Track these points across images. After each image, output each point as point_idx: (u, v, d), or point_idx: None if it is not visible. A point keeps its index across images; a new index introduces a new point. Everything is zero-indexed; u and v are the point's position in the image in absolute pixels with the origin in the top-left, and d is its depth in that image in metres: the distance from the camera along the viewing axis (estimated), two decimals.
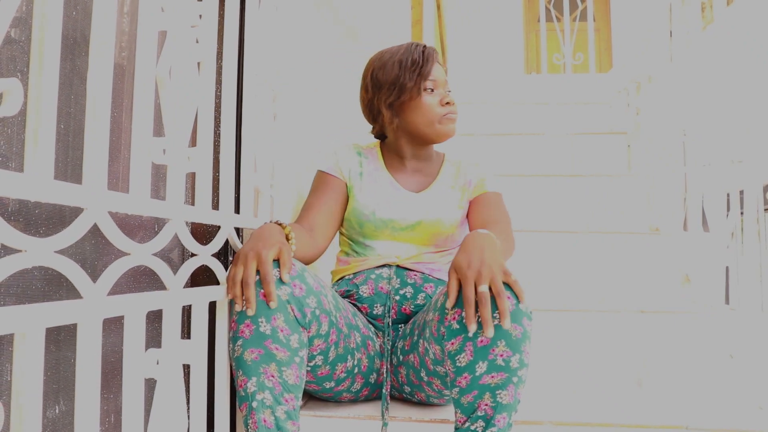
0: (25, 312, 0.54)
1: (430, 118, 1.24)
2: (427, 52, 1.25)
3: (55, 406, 0.74)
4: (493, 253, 0.93)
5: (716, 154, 1.61)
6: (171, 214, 0.79)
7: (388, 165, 1.32)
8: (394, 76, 1.22)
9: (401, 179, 1.30)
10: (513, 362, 0.90)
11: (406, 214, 1.24)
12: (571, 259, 1.78)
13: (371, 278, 1.23)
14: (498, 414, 0.90)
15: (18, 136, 0.68)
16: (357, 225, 1.26)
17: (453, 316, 0.94)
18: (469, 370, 0.92)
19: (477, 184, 1.30)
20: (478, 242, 0.95)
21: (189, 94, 0.84)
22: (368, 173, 1.29)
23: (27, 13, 0.69)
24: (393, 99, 1.23)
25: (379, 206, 1.24)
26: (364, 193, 1.26)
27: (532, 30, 6.55)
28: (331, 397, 1.16)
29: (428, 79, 1.23)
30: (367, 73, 1.28)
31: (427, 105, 1.23)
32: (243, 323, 0.92)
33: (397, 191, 1.27)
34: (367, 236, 1.26)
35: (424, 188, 1.30)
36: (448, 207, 1.26)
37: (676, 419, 1.13)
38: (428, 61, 1.23)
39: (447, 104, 1.25)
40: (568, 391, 1.36)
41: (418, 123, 1.25)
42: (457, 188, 1.30)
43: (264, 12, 1.14)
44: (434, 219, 1.24)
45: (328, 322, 1.02)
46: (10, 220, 0.66)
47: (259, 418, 0.90)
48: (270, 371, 0.92)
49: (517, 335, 0.90)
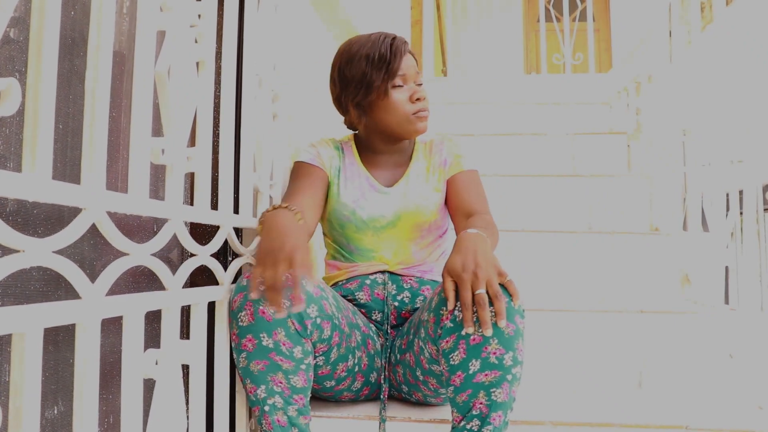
0: (24, 312, 0.54)
1: (399, 116, 1.18)
2: (396, 45, 1.17)
3: (53, 406, 0.74)
4: (487, 255, 0.93)
5: (716, 154, 1.61)
6: (170, 214, 0.79)
7: (363, 158, 1.27)
8: (360, 74, 1.16)
9: (377, 173, 1.26)
10: (506, 360, 0.90)
11: (385, 210, 1.21)
12: (571, 259, 1.78)
13: (366, 284, 1.22)
14: (493, 412, 0.91)
15: (16, 135, 0.68)
16: (338, 227, 1.23)
17: (447, 316, 0.94)
18: (462, 368, 0.92)
19: (453, 163, 1.26)
20: (471, 243, 0.94)
21: (188, 94, 0.83)
22: (345, 169, 1.25)
23: (25, 13, 0.69)
24: (360, 98, 1.18)
25: (358, 206, 1.21)
26: (342, 192, 1.22)
27: (531, 30, 6.55)
28: (331, 396, 1.16)
29: (397, 75, 1.16)
30: (335, 67, 1.21)
31: (397, 103, 1.17)
32: (245, 337, 0.92)
33: (373, 188, 1.23)
34: (350, 238, 1.23)
35: (399, 178, 1.26)
36: (426, 193, 1.23)
37: (676, 419, 1.13)
38: (396, 55, 1.16)
39: (417, 100, 1.18)
40: (568, 391, 1.36)
41: (387, 122, 1.19)
42: (432, 169, 1.26)
43: (263, 12, 1.14)
44: (414, 209, 1.21)
45: (331, 326, 1.02)
46: (8, 220, 0.66)
47: (273, 419, 0.94)
48: (278, 379, 0.94)
49: (510, 333, 0.90)
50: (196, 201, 0.89)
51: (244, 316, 0.92)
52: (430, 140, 1.30)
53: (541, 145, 2.46)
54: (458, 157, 1.26)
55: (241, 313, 0.92)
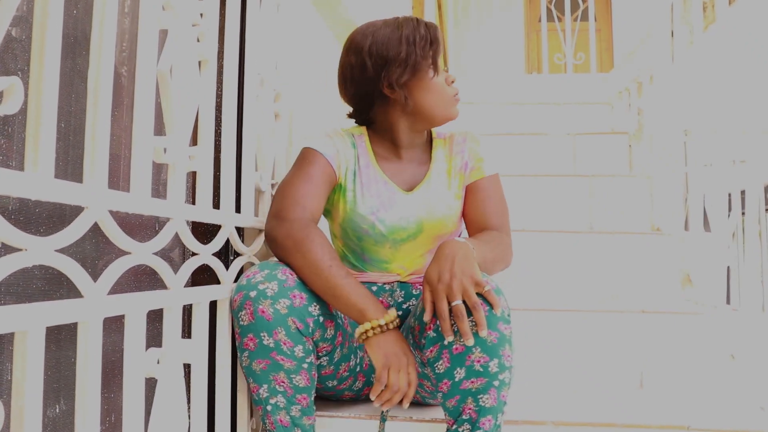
0: (26, 311, 0.54)
1: (443, 97, 1.14)
2: (432, 28, 1.14)
3: (55, 405, 0.74)
4: (465, 264, 0.90)
5: (718, 154, 1.60)
6: (172, 213, 0.79)
7: (378, 156, 1.18)
8: (405, 53, 1.09)
9: (394, 175, 1.17)
10: (491, 367, 0.90)
11: (407, 221, 1.13)
12: (573, 259, 1.77)
13: (372, 290, 1.17)
14: (482, 417, 0.91)
15: (19, 134, 0.68)
16: (355, 238, 1.15)
17: (429, 326, 0.94)
18: (448, 377, 0.92)
19: (474, 167, 1.18)
20: (450, 252, 0.92)
21: (190, 93, 0.83)
22: (361, 172, 1.15)
23: (28, 12, 0.69)
24: (407, 77, 1.10)
25: (377, 218, 1.12)
26: (360, 202, 1.13)
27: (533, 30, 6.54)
28: (333, 395, 1.16)
29: (438, 56, 1.13)
30: (363, 50, 1.10)
31: (440, 84, 1.13)
32: (246, 337, 0.93)
33: (393, 194, 1.14)
34: (366, 249, 1.16)
35: (420, 181, 1.17)
36: (449, 201, 1.15)
37: (677, 419, 1.12)
38: (436, 37, 1.13)
39: (452, 83, 1.16)
40: (570, 392, 1.36)
41: (431, 104, 1.13)
42: (454, 173, 1.18)
43: (265, 11, 1.14)
44: (437, 221, 1.13)
45: (334, 326, 1.01)
46: (10, 218, 0.66)
47: (276, 419, 0.94)
48: (280, 378, 0.94)
49: (493, 341, 0.90)
50: (198, 200, 0.89)
51: (244, 315, 0.92)
52: (450, 135, 1.22)
53: (542, 145, 2.46)
54: (480, 161, 1.18)
55: (241, 312, 0.92)
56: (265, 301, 0.91)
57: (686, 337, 1.43)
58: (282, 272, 0.95)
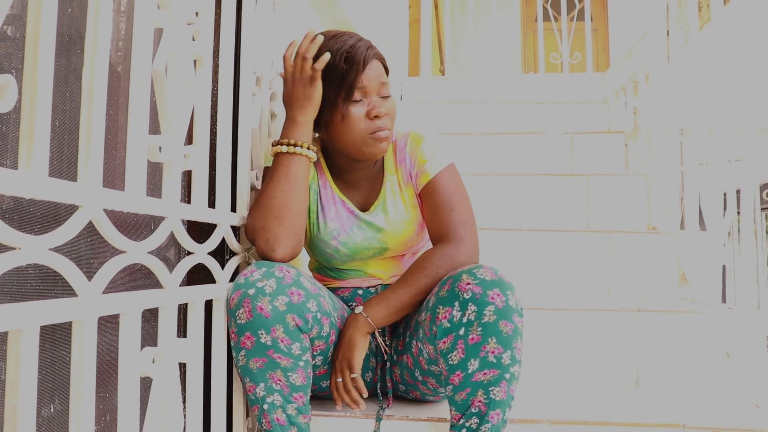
0: (20, 310, 0.53)
1: (354, 136, 1.04)
2: (353, 55, 1.02)
3: (50, 405, 0.74)
4: (347, 348, 1.04)
5: (713, 154, 1.61)
6: (167, 212, 0.78)
7: (333, 176, 1.16)
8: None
9: (351, 194, 1.16)
10: (504, 359, 0.91)
11: (369, 242, 1.14)
12: (569, 258, 1.78)
13: (359, 294, 1.20)
14: (492, 410, 0.91)
15: (12, 133, 0.68)
16: (323, 260, 1.19)
17: (444, 315, 0.95)
18: (461, 368, 0.93)
19: (419, 172, 1.12)
20: (343, 334, 1.05)
21: (185, 92, 0.83)
22: (321, 192, 1.16)
23: (22, 10, 0.69)
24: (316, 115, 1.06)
25: (339, 242, 1.14)
26: (322, 227, 1.14)
27: (529, 29, 6.55)
28: (328, 395, 1.16)
29: (355, 89, 1.03)
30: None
31: (352, 121, 1.04)
32: (243, 335, 0.92)
33: (351, 214, 1.15)
34: (337, 265, 1.20)
35: (375, 198, 1.15)
36: (406, 216, 1.14)
37: (673, 418, 1.13)
38: (353, 68, 1.02)
39: (376, 117, 1.04)
40: (566, 390, 1.37)
41: (342, 142, 1.06)
42: (403, 183, 1.14)
43: (261, 10, 1.13)
44: (398, 236, 1.14)
45: (329, 324, 1.02)
46: (4, 217, 0.66)
47: (272, 417, 0.94)
48: (276, 376, 0.94)
49: (508, 332, 0.91)
50: (194, 199, 0.89)
51: (242, 313, 0.92)
52: (395, 139, 1.16)
53: (538, 144, 2.47)
54: (423, 163, 1.11)
55: (239, 310, 0.92)
56: (263, 299, 0.91)
57: (682, 336, 1.43)
58: (279, 270, 0.95)
